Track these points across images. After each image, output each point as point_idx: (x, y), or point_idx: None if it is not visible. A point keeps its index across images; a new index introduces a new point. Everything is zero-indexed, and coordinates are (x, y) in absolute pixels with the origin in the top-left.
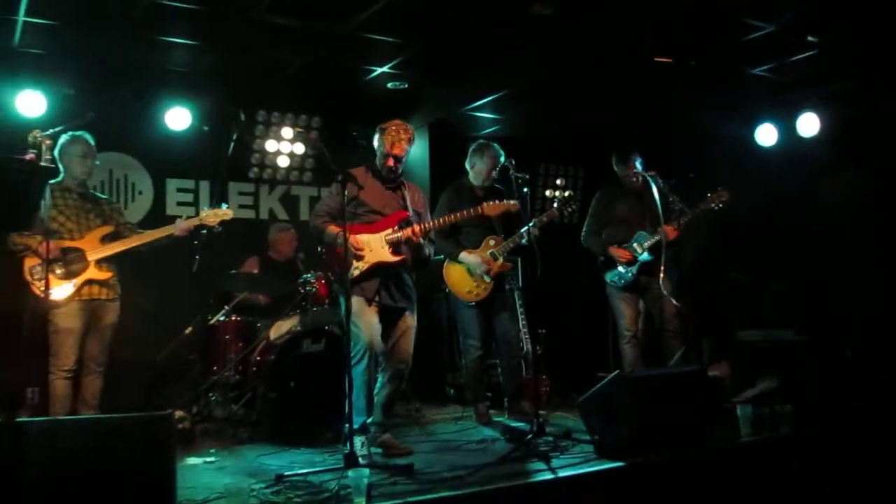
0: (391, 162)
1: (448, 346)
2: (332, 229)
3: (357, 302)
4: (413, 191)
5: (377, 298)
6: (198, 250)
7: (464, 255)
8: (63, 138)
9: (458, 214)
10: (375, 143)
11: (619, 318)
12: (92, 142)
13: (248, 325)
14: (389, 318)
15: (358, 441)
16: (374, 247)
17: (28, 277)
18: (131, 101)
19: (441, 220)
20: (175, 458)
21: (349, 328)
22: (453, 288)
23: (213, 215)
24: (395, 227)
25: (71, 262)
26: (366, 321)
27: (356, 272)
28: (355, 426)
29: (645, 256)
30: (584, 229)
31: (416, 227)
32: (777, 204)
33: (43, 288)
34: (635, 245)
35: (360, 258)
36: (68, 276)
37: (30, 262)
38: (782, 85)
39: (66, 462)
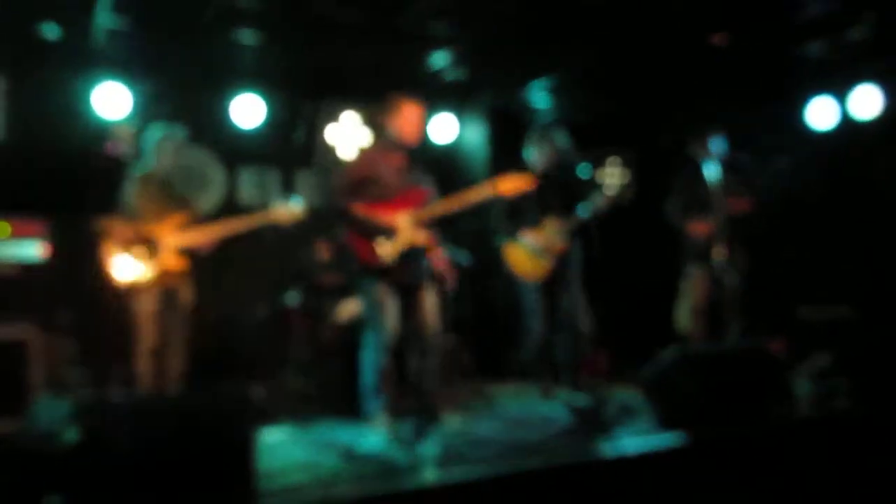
0: (417, 133)
1: (508, 323)
2: (360, 210)
3: (381, 291)
4: (421, 168)
5: (399, 279)
6: (271, 235)
7: (523, 236)
8: (156, 133)
9: (471, 195)
10: (391, 119)
11: (692, 292)
12: (183, 135)
13: (318, 305)
14: (412, 294)
15: (382, 423)
16: (404, 227)
17: (109, 262)
18: (204, 95)
19: (461, 198)
20: (254, 431)
21: (369, 315)
22: (514, 267)
23: (285, 212)
24: (420, 205)
25: (150, 247)
26: (389, 313)
27: (388, 255)
28: (374, 407)
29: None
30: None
31: (445, 206)
32: (833, 181)
33: (123, 272)
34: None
35: (391, 240)
36: (147, 260)
37: (112, 247)
38: (835, 61)
39: (152, 435)
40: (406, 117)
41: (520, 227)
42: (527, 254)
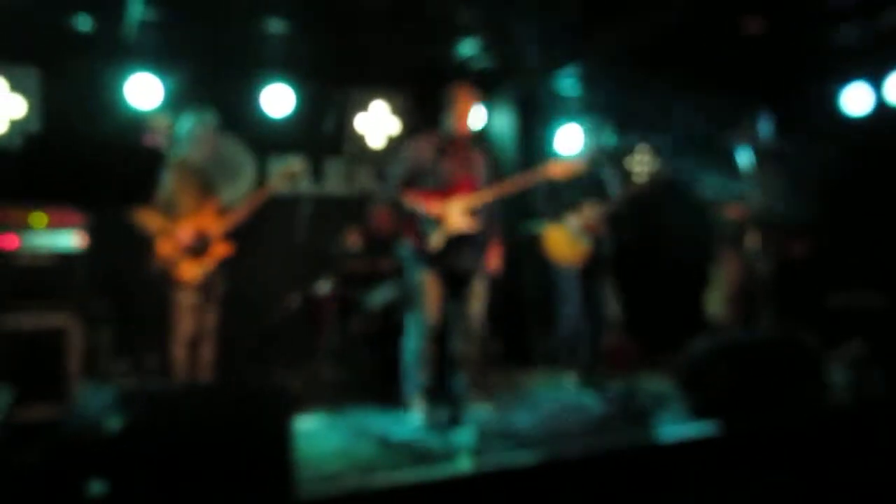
0: (468, 123)
1: (538, 310)
2: (410, 198)
3: (425, 277)
4: (481, 155)
5: (449, 265)
6: (302, 220)
7: (567, 218)
8: (191, 120)
9: (524, 178)
10: (447, 108)
11: (725, 278)
12: (216, 122)
13: (350, 293)
14: (460, 283)
15: (420, 406)
16: (452, 214)
17: (166, 259)
18: (234, 84)
19: (510, 183)
20: (291, 420)
21: (412, 300)
22: (552, 252)
23: (281, 177)
24: (470, 194)
25: (202, 242)
26: (430, 301)
27: (434, 242)
28: (413, 389)
29: None
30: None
31: (494, 192)
32: (867, 166)
33: (181, 271)
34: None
35: (438, 227)
36: (200, 256)
37: (167, 247)
38: (870, 46)
39: (193, 424)
40: (458, 108)
41: (561, 211)
42: (567, 236)
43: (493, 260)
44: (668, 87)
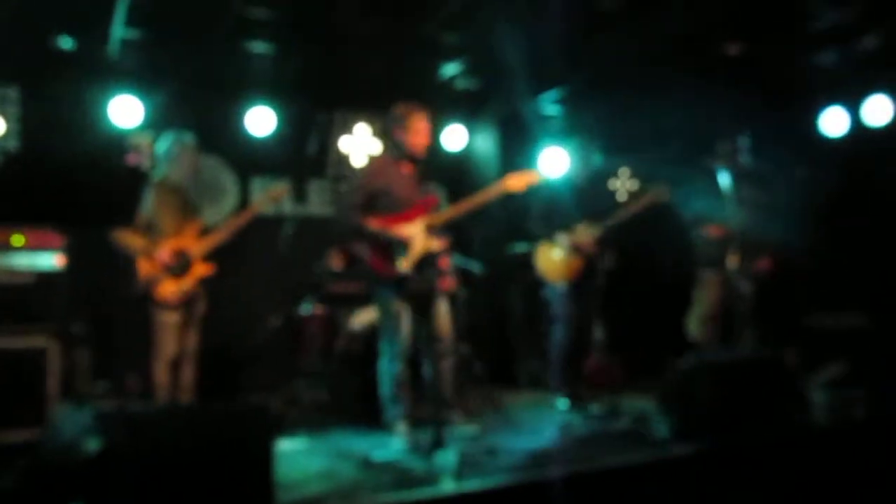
0: (426, 142)
1: (525, 332)
2: (374, 224)
3: (397, 302)
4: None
5: (415, 287)
6: (284, 240)
7: (559, 238)
8: (170, 140)
9: (485, 194)
10: (400, 129)
11: (705, 298)
12: (194, 142)
13: (332, 314)
14: (426, 301)
15: (402, 429)
16: (417, 236)
17: (147, 279)
18: (217, 104)
19: (472, 200)
20: (272, 441)
21: (385, 326)
22: (545, 272)
23: (264, 199)
24: (431, 212)
25: (182, 262)
26: (405, 323)
27: (405, 265)
28: (394, 415)
29: None
30: None
31: (456, 210)
32: (845, 188)
33: (162, 290)
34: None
35: (406, 250)
36: (181, 275)
37: (148, 266)
38: (849, 70)
39: (172, 446)
40: (414, 127)
41: (553, 232)
42: (560, 254)
43: (444, 262)
44: (650, 109)
